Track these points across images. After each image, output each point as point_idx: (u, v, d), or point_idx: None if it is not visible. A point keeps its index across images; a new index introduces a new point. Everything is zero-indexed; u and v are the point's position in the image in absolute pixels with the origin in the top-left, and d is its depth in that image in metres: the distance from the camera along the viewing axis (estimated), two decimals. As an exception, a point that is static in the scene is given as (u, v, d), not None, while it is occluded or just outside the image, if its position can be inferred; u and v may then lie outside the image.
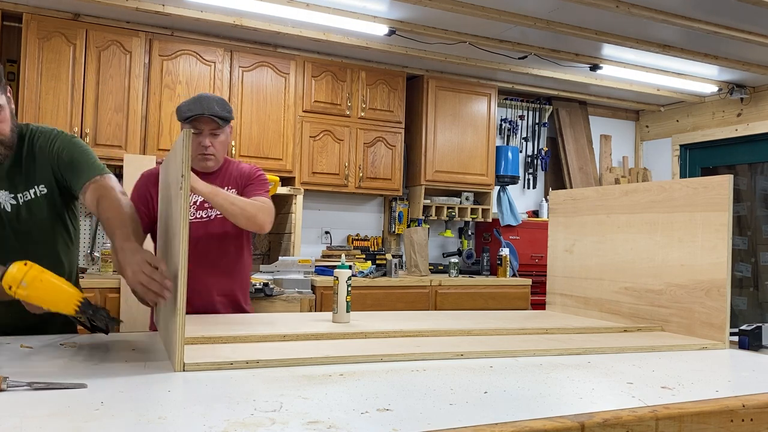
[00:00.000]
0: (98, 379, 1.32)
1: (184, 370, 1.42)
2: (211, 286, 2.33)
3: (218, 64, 4.47)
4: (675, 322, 2.22)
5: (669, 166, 6.29)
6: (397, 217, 5.33)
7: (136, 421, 1.06)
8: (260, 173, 2.47)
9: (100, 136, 4.13)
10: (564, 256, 2.78)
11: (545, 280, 2.89)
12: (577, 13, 3.92)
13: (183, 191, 1.41)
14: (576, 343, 1.94)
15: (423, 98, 5.21)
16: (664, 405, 1.27)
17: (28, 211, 1.86)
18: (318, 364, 1.54)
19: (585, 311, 2.62)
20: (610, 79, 5.38)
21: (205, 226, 2.34)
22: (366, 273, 4.59)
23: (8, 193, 1.85)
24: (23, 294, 1.45)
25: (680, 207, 2.23)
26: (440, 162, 5.23)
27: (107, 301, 3.77)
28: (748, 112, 5.62)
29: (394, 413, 1.15)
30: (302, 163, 4.73)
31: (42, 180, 1.88)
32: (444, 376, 1.46)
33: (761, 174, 5.83)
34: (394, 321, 2.25)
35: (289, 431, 1.04)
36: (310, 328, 1.93)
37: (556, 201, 2.87)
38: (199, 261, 2.25)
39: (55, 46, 4.04)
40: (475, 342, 1.90)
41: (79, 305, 1.51)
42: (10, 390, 1.20)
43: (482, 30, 4.31)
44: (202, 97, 2.33)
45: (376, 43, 4.53)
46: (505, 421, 1.12)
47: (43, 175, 1.88)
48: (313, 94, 4.79)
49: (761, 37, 4.17)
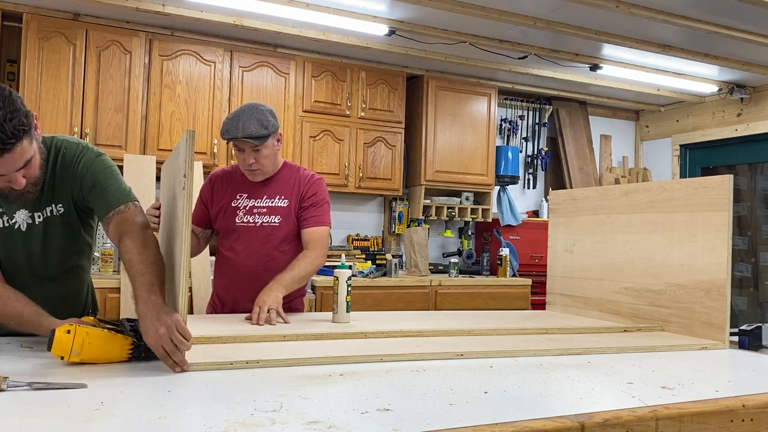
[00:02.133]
0: (98, 379, 1.32)
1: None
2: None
3: (218, 64, 4.47)
4: (675, 322, 2.22)
5: (669, 166, 6.29)
6: (397, 217, 5.33)
7: (136, 421, 1.06)
8: (320, 188, 2.45)
9: (100, 136, 4.13)
10: (564, 256, 2.78)
11: (545, 280, 2.89)
12: (577, 13, 3.92)
13: (186, 191, 1.41)
14: (576, 343, 1.94)
15: (423, 98, 5.21)
16: (664, 405, 1.27)
17: (44, 231, 1.79)
18: (318, 364, 1.54)
19: (585, 311, 2.62)
20: (610, 79, 5.37)
21: (259, 230, 2.39)
22: (366, 273, 4.59)
23: (27, 211, 1.76)
24: (77, 359, 1.43)
25: (680, 207, 2.23)
26: (440, 162, 5.23)
27: (107, 301, 3.77)
28: (748, 112, 5.62)
29: (394, 413, 1.15)
30: (302, 163, 4.73)
31: (61, 199, 1.79)
32: (444, 376, 1.47)
33: (761, 174, 5.82)
34: (394, 321, 2.25)
35: (289, 431, 1.04)
36: (310, 328, 1.93)
37: (556, 201, 2.87)
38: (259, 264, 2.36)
39: (55, 46, 4.04)
40: (475, 342, 1.90)
41: (131, 351, 1.50)
42: (10, 390, 1.20)
43: (482, 30, 4.31)
44: (241, 115, 2.28)
45: (376, 43, 4.53)
46: (505, 421, 1.12)
47: (63, 194, 1.79)
48: (313, 94, 4.79)
49: (761, 37, 4.17)
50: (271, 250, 2.38)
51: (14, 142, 1.49)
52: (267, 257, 2.38)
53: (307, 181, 2.44)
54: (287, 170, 2.47)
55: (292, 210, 2.41)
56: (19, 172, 1.58)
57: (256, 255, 2.37)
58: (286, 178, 2.44)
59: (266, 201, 2.40)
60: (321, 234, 2.39)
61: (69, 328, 1.43)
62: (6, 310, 1.64)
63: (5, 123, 1.45)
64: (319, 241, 2.38)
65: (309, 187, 2.43)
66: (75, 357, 1.42)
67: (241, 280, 2.37)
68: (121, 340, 1.50)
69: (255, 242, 2.37)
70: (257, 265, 2.36)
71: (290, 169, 2.48)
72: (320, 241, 2.38)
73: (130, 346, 1.50)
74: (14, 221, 1.75)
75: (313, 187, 2.44)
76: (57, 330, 1.42)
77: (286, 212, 2.40)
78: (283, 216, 2.40)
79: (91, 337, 1.44)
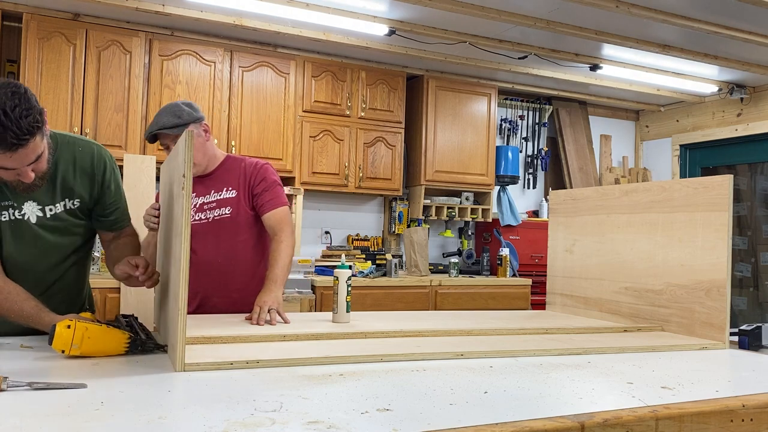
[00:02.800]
0: (98, 379, 1.32)
1: (184, 370, 1.42)
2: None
3: (218, 64, 4.47)
4: (675, 322, 2.22)
5: (669, 166, 6.29)
6: (397, 217, 5.33)
7: (136, 421, 1.06)
8: (267, 173, 2.42)
9: (100, 136, 4.13)
10: (564, 256, 2.78)
11: (545, 280, 2.89)
12: (577, 13, 3.92)
13: (185, 191, 1.41)
14: (576, 343, 1.94)
15: (423, 98, 5.21)
16: (664, 405, 1.27)
17: (54, 224, 1.84)
18: (318, 364, 1.53)
19: (585, 311, 2.62)
20: (610, 79, 5.37)
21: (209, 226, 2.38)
22: (366, 273, 4.59)
23: (36, 204, 1.81)
24: (77, 352, 1.50)
25: (680, 207, 2.23)
26: (440, 162, 5.23)
27: (107, 301, 3.77)
28: (748, 112, 5.62)
29: (394, 413, 1.15)
30: (302, 163, 4.73)
31: (77, 195, 1.86)
32: (444, 376, 1.46)
33: (761, 174, 5.82)
34: (394, 321, 2.25)
35: (289, 431, 1.04)
36: (309, 328, 1.93)
37: (556, 201, 2.87)
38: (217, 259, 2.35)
39: (55, 46, 4.05)
40: (475, 342, 1.90)
41: (127, 345, 1.57)
42: (10, 390, 1.20)
43: (482, 30, 4.31)
44: (158, 113, 2.30)
45: (376, 43, 4.53)
46: (505, 421, 1.12)
47: (80, 191, 1.86)
48: (313, 94, 4.79)
49: (761, 37, 4.17)
50: (228, 242, 2.37)
51: (28, 138, 1.55)
52: (227, 250, 2.36)
53: (253, 169, 2.41)
54: (230, 162, 2.44)
55: (242, 199, 2.38)
56: (29, 166, 1.63)
57: (215, 250, 2.35)
58: (230, 171, 2.41)
59: (214, 195, 2.38)
60: (282, 215, 2.36)
61: (69, 324, 1.50)
62: (6, 305, 1.71)
63: (21, 120, 1.51)
64: (284, 222, 2.35)
65: (255, 174, 2.39)
66: (75, 350, 1.49)
67: (204, 277, 2.32)
68: (119, 335, 1.57)
69: (212, 238, 2.35)
70: (218, 260, 2.35)
71: (234, 160, 2.45)
72: (284, 222, 2.35)
73: (127, 340, 1.57)
74: (23, 213, 1.79)
75: (260, 173, 2.40)
76: (58, 325, 1.49)
77: (235, 202, 2.37)
78: (232, 206, 2.37)
79: (90, 332, 1.51)
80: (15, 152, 1.55)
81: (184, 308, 1.41)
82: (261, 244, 2.45)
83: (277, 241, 2.31)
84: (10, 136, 1.51)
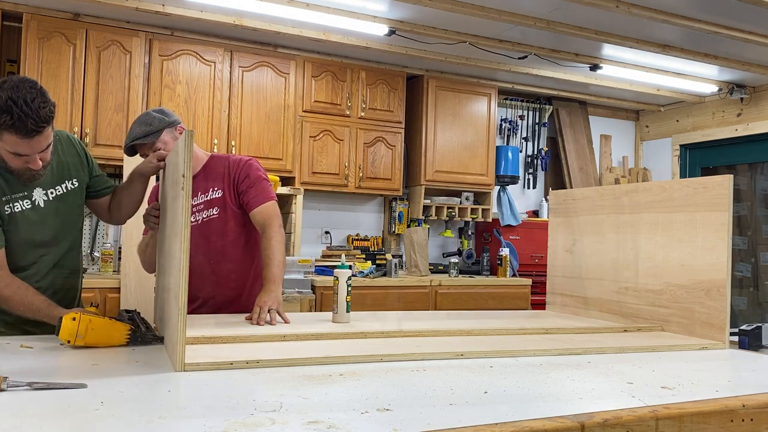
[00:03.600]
0: (98, 379, 1.32)
1: (184, 370, 1.42)
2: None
3: (218, 64, 4.47)
4: (675, 322, 2.22)
5: (669, 166, 6.29)
6: (397, 217, 5.33)
7: (136, 421, 1.06)
8: (251, 169, 2.39)
9: (100, 136, 4.13)
10: (564, 256, 2.78)
11: (545, 280, 2.89)
12: (577, 13, 3.92)
13: (185, 191, 1.41)
14: (576, 343, 1.94)
15: (423, 98, 5.21)
16: (664, 405, 1.27)
17: (57, 206, 2.00)
18: (318, 364, 1.53)
19: (585, 311, 2.62)
20: (610, 79, 5.37)
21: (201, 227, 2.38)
22: (366, 273, 4.59)
23: (42, 189, 1.98)
24: (81, 343, 1.62)
25: (680, 207, 2.23)
26: (440, 162, 5.23)
27: (107, 301, 3.77)
28: (748, 112, 5.62)
29: (394, 413, 1.15)
30: (302, 163, 4.73)
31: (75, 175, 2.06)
32: (444, 376, 1.46)
33: (761, 174, 5.82)
34: (394, 321, 2.25)
35: (289, 431, 1.04)
36: (309, 328, 1.93)
37: (556, 201, 2.87)
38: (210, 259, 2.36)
39: (55, 46, 4.04)
40: (475, 342, 1.90)
41: (128, 336, 1.68)
42: (10, 390, 1.20)
43: (482, 30, 4.31)
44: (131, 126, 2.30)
45: (376, 43, 4.53)
46: (505, 421, 1.12)
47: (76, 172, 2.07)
48: (313, 94, 4.79)
49: (761, 37, 4.17)
50: (218, 243, 2.36)
51: (45, 126, 1.74)
52: (217, 250, 2.36)
53: (236, 166, 2.38)
54: (214, 162, 2.42)
55: (228, 198, 2.36)
56: (39, 154, 1.81)
57: (205, 252, 2.34)
58: (215, 171, 2.39)
59: (201, 197, 2.37)
60: (270, 210, 2.33)
61: (74, 316, 1.62)
62: (17, 299, 1.87)
63: (40, 109, 1.71)
64: (272, 217, 2.32)
65: (239, 172, 2.37)
66: (80, 341, 1.61)
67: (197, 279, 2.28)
68: (121, 327, 1.68)
69: (202, 239, 2.34)
70: (210, 261, 2.35)
71: (218, 160, 2.44)
72: (273, 217, 2.32)
73: (128, 331, 1.68)
74: (34, 199, 1.96)
75: (244, 169, 2.38)
76: (64, 318, 1.62)
77: (221, 202, 2.36)
78: (219, 206, 2.36)
79: (93, 324, 1.63)
80: (32, 138, 1.73)
81: (184, 308, 1.41)
82: (252, 241, 2.43)
83: (267, 238, 2.28)
84: (30, 123, 1.69)
